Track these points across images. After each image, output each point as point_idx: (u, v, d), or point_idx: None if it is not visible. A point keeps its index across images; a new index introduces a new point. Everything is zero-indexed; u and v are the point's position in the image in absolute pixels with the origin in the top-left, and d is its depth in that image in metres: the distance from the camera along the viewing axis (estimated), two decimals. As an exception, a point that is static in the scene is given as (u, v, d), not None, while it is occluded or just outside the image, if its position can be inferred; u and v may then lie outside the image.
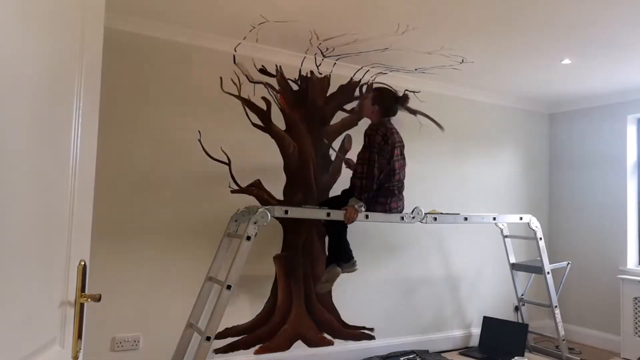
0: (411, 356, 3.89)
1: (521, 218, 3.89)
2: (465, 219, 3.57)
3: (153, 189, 3.14)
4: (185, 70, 3.26)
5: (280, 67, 3.59)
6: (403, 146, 3.30)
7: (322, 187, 3.73)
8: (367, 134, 3.18)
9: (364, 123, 3.81)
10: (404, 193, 3.34)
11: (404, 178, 3.30)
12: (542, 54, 3.48)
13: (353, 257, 3.30)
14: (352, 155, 3.63)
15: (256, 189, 3.48)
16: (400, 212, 3.29)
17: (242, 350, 3.38)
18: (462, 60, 3.66)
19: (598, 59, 3.54)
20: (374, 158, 3.08)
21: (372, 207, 3.18)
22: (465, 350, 4.18)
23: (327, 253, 3.45)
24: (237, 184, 3.41)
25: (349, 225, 3.35)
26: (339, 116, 3.82)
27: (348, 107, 3.86)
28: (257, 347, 3.44)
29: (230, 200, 3.35)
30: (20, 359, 0.94)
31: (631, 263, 4.39)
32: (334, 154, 3.79)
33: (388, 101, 3.28)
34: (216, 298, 2.78)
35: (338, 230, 3.30)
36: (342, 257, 3.28)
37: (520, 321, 4.23)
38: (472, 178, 4.50)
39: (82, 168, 1.19)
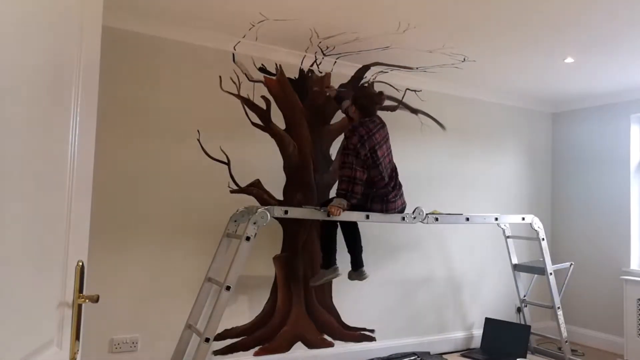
0: (412, 358, 3.87)
1: (523, 218, 3.86)
2: (467, 219, 3.55)
3: (151, 188, 3.12)
4: (183, 69, 3.24)
5: (280, 65, 3.57)
6: (382, 144, 3.17)
7: (322, 187, 3.71)
8: (346, 136, 3.11)
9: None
10: (402, 191, 3.30)
11: (391, 174, 3.21)
12: (544, 53, 3.46)
13: (335, 264, 3.30)
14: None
15: (256, 189, 3.45)
16: (401, 211, 3.27)
17: (241, 352, 3.36)
18: (464, 59, 3.63)
19: (601, 57, 3.52)
20: (351, 160, 3.01)
21: (370, 207, 3.17)
22: (466, 352, 4.16)
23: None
24: (236, 184, 3.39)
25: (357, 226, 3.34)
26: (340, 115, 3.79)
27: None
28: (256, 348, 3.41)
29: (229, 201, 3.32)
30: (16, 360, 0.93)
31: (634, 264, 4.37)
32: (334, 154, 3.77)
33: (365, 101, 3.20)
34: (215, 299, 2.76)
35: (326, 233, 3.32)
36: (324, 262, 3.30)
37: (522, 322, 4.21)
38: (474, 178, 4.48)
39: (80, 168, 1.19)
